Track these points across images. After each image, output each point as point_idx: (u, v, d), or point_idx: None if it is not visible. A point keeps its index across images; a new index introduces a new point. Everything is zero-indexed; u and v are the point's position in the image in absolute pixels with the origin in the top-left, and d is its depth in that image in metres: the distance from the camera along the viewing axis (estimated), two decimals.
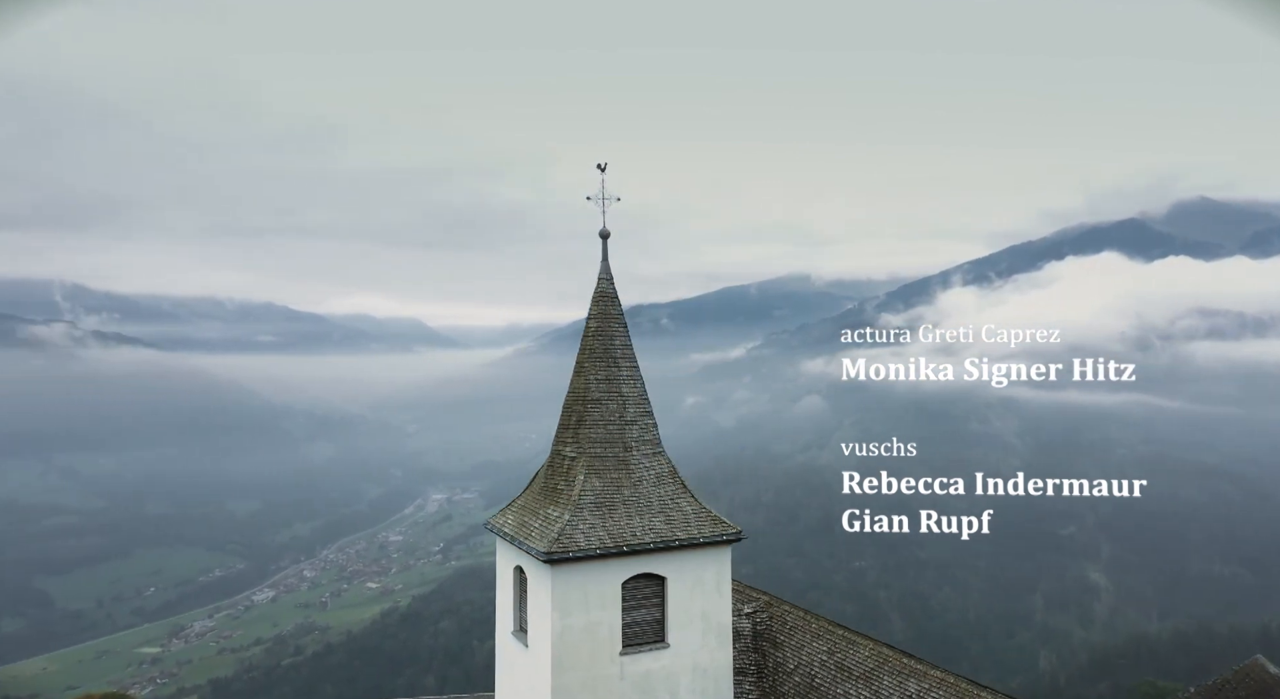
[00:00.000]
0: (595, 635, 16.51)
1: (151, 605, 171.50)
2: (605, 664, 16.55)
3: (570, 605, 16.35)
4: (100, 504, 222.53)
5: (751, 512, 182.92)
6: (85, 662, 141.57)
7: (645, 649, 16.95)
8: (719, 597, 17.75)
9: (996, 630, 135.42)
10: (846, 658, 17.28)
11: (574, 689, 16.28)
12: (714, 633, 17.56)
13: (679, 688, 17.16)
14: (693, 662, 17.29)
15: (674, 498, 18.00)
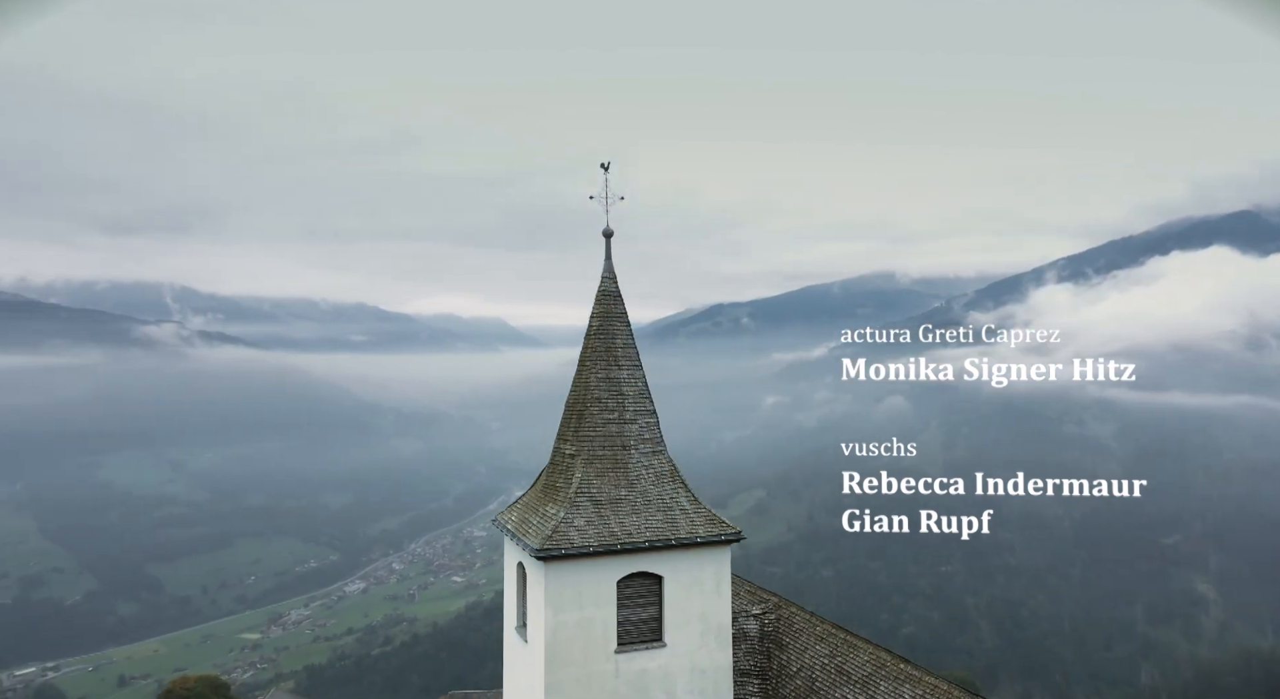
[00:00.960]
0: (590, 633, 16.46)
1: (252, 593, 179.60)
2: (600, 662, 16.50)
3: (564, 602, 16.34)
4: (205, 496, 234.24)
5: (832, 514, 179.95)
6: (192, 645, 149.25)
7: (641, 648, 16.84)
8: (718, 597, 17.52)
9: (1093, 642, 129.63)
10: (846, 661, 17.16)
11: (568, 686, 16.26)
12: (713, 634, 17.35)
13: (676, 688, 17.01)
14: (690, 662, 17.13)
15: (672, 497, 17.81)
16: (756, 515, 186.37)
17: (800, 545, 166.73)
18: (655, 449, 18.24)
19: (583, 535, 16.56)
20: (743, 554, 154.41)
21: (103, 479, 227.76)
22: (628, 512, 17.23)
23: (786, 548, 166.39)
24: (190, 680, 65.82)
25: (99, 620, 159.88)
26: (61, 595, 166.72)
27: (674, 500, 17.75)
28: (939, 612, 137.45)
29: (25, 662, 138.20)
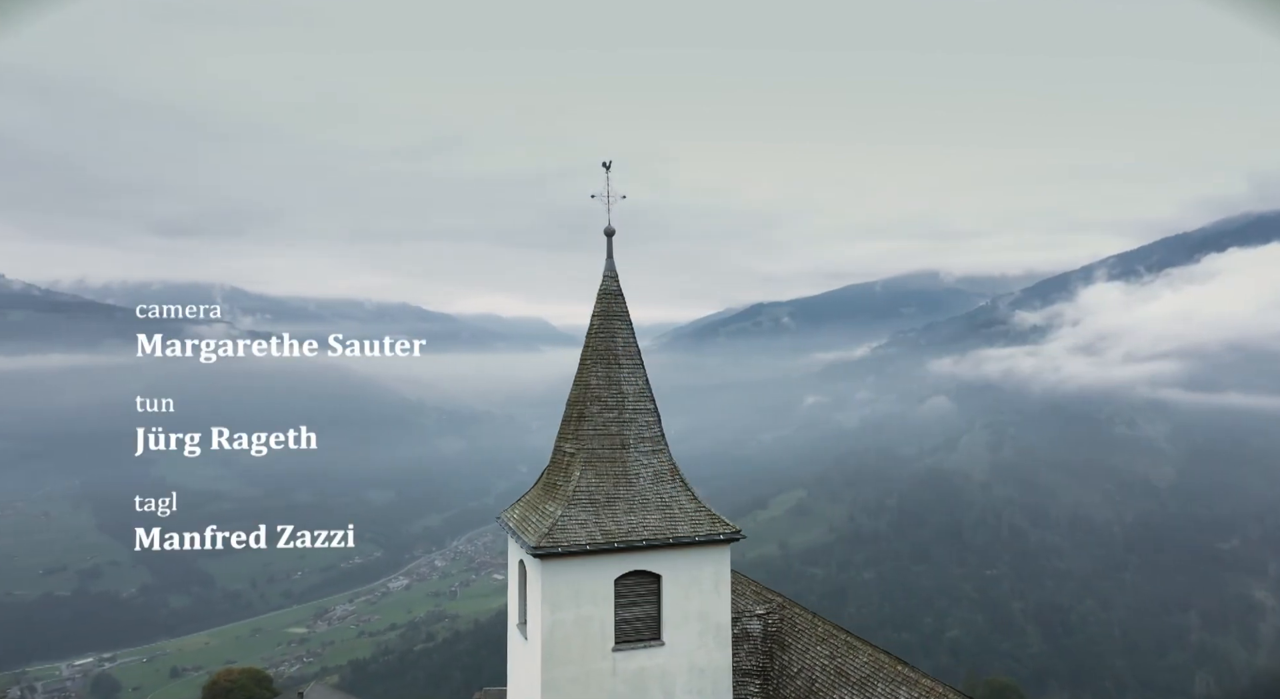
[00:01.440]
0: (587, 631, 16.44)
1: (299, 588, 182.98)
2: (597, 660, 16.48)
3: (561, 600, 16.35)
4: (253, 492, 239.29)
5: (875, 515, 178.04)
6: (242, 638, 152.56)
7: (639, 646, 16.79)
8: (717, 597, 17.37)
9: (1146, 649, 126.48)
10: (845, 663, 17.08)
11: (564, 683, 16.28)
12: (712, 633, 17.23)
13: (674, 687, 16.94)
14: (689, 661, 17.05)
15: (671, 496, 17.68)
16: (797, 516, 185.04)
17: (841, 547, 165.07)
18: (655, 448, 18.11)
19: (579, 534, 16.59)
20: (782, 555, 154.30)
21: (156, 475, 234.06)
22: (625, 510, 17.20)
23: (827, 549, 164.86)
24: (234, 673, 67.44)
25: (153, 613, 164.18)
26: (117, 588, 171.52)
27: (673, 499, 17.64)
28: (984, 615, 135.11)
29: (83, 652, 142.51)
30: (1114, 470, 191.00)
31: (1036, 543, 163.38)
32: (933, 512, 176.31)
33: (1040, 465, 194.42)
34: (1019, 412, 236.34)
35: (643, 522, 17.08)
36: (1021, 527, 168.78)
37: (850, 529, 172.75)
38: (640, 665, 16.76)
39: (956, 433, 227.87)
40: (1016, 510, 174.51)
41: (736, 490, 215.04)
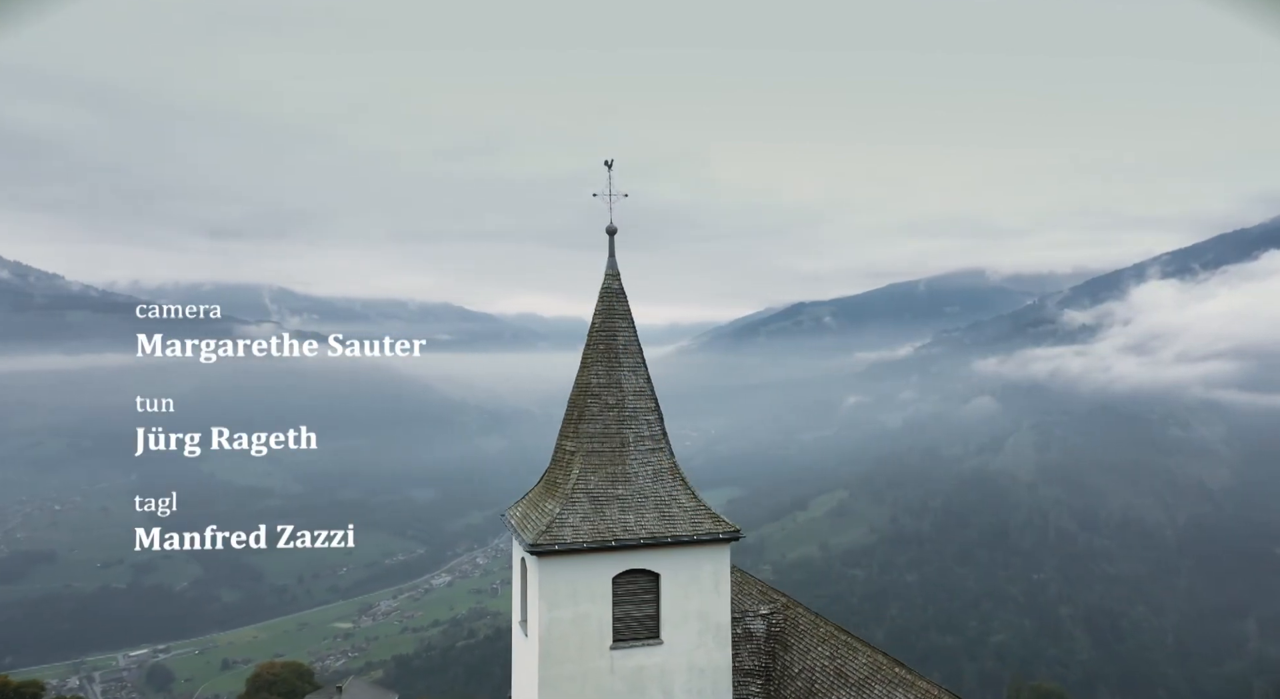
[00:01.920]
0: (584, 628, 16.42)
1: (344, 584, 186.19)
2: (595, 658, 16.45)
3: (558, 597, 16.35)
4: (300, 489, 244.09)
5: (918, 516, 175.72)
6: (289, 632, 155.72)
7: (638, 645, 16.74)
8: (716, 596, 17.28)
9: (1200, 657, 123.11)
10: (845, 664, 16.98)
11: (562, 681, 16.28)
12: (711, 632, 17.14)
13: (673, 686, 16.86)
14: (688, 660, 16.97)
15: (671, 494, 17.63)
16: (837, 517, 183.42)
17: (884, 548, 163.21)
18: (655, 447, 18.14)
19: (577, 531, 16.60)
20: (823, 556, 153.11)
21: (206, 471, 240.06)
22: (624, 508, 17.17)
23: (869, 551, 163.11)
24: (276, 666, 69.12)
25: (204, 606, 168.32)
26: (171, 582, 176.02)
27: (672, 498, 17.62)
28: (1031, 620, 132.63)
29: (138, 643, 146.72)
30: (1167, 472, 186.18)
31: (1085, 546, 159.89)
32: (977, 513, 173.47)
33: (1089, 467, 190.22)
34: (1067, 412, 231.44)
35: (641, 520, 17.05)
36: (1069, 529, 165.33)
37: (892, 530, 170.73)
38: (639, 664, 16.74)
39: (1002, 433, 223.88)
40: (1064, 513, 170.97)
41: (777, 491, 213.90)
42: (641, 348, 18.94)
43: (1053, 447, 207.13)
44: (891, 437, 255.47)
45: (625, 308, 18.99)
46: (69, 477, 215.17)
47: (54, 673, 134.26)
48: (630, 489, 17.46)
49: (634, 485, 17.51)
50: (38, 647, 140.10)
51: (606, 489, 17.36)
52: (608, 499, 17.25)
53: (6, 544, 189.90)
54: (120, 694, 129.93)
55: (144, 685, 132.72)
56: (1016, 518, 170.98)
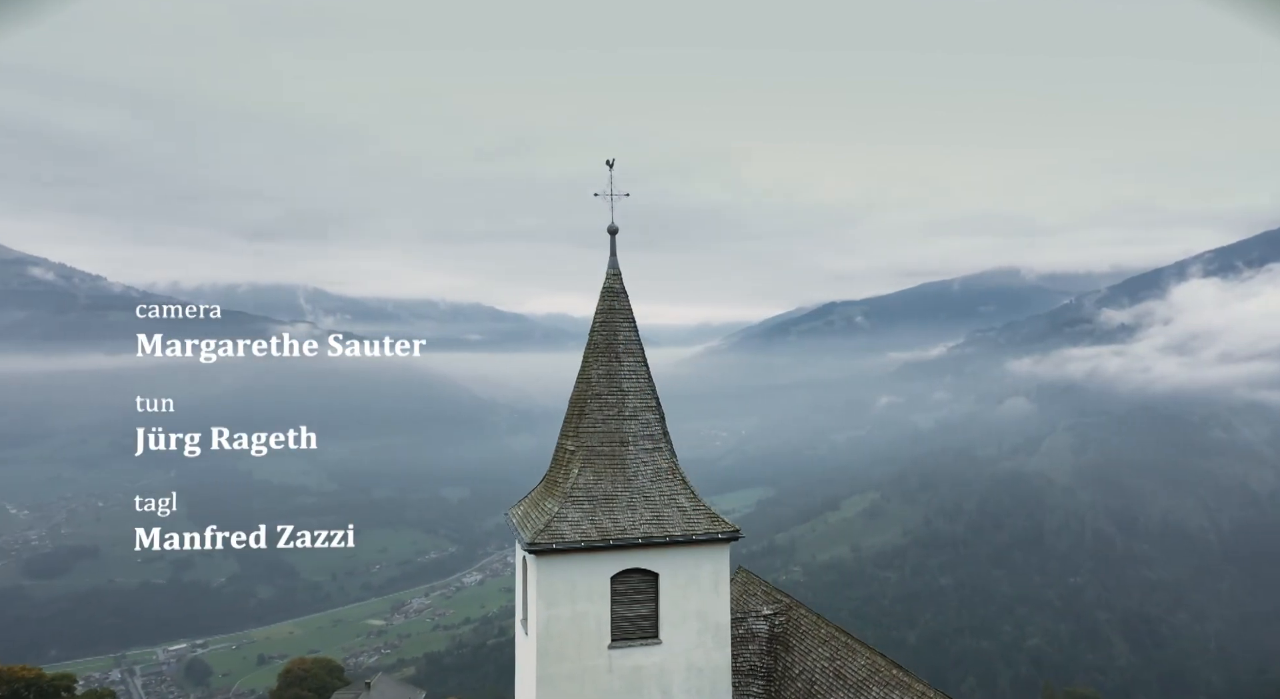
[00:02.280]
0: (583, 627, 16.43)
1: (377, 581, 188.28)
2: (593, 656, 16.46)
3: (556, 596, 16.39)
4: (334, 487, 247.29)
5: (951, 518, 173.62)
6: (324, 628, 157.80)
7: (636, 644, 16.72)
8: (716, 596, 17.19)
9: (1245, 665, 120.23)
10: (844, 666, 16.96)
11: (560, 679, 16.32)
12: (710, 633, 17.06)
13: (672, 686, 16.82)
14: (687, 660, 16.91)
15: (670, 494, 17.53)
16: (869, 519, 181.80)
17: (916, 551, 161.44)
18: (655, 446, 18.04)
19: (574, 530, 16.62)
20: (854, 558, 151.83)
21: (244, 469, 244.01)
22: (623, 508, 17.15)
23: (901, 553, 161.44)
24: (307, 662, 70.26)
25: (241, 602, 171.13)
26: (208, 578, 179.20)
27: (671, 497, 17.54)
28: (1068, 625, 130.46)
29: (176, 638, 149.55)
30: (1209, 475, 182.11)
31: (1124, 550, 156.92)
32: (1012, 516, 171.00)
33: (1128, 469, 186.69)
34: (1105, 413, 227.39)
35: (639, 519, 17.03)
36: (1108, 533, 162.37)
37: (925, 532, 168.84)
38: (637, 663, 16.74)
39: (1038, 435, 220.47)
40: (1102, 516, 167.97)
41: (807, 492, 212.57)
42: (643, 347, 18.89)
43: (1090, 448, 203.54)
44: (924, 437, 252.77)
45: (626, 307, 19.02)
46: (111, 474, 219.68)
47: (96, 666, 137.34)
48: (629, 488, 17.44)
49: (633, 485, 17.50)
50: (81, 640, 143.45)
51: (605, 488, 17.37)
52: (606, 498, 17.26)
53: (51, 539, 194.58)
54: (160, 688, 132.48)
55: (182, 680, 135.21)
56: (1052, 521, 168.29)
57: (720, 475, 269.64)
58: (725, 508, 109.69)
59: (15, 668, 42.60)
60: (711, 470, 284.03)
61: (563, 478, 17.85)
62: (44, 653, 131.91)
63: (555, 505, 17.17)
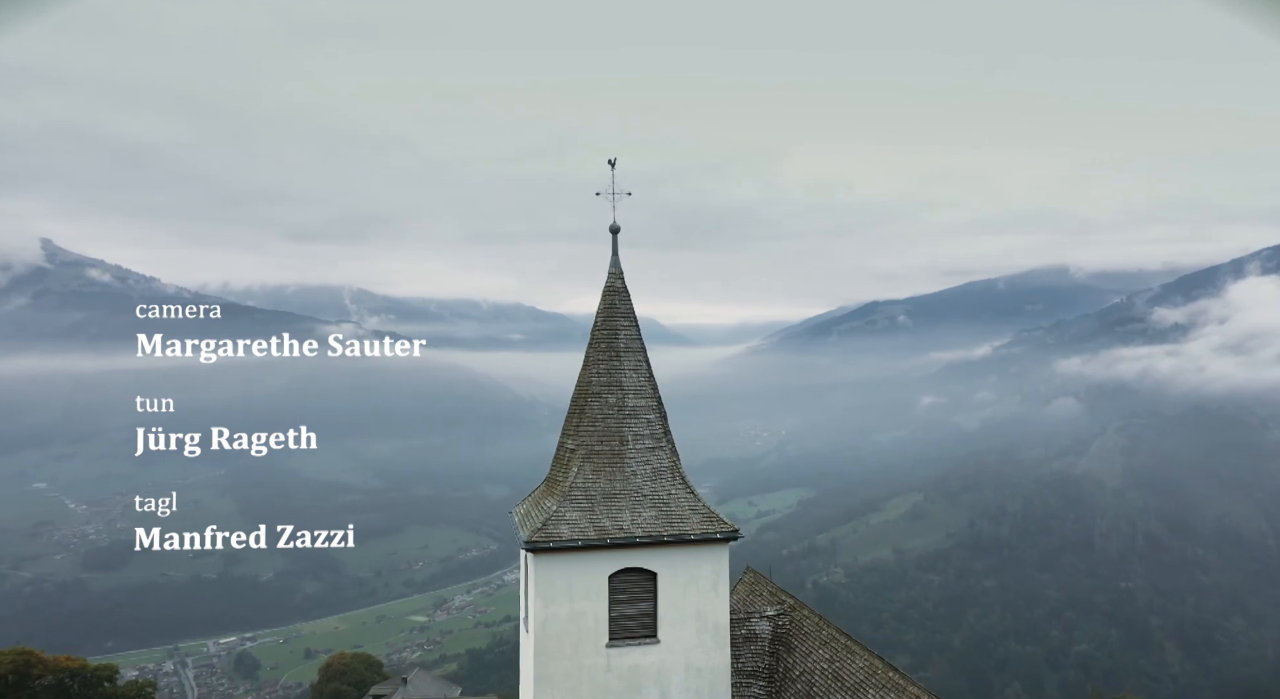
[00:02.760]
0: (580, 626, 16.44)
1: (420, 578, 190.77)
2: (591, 655, 16.46)
3: (554, 594, 16.41)
4: (379, 485, 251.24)
5: (996, 521, 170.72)
6: (368, 624, 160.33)
7: (634, 644, 16.67)
8: (715, 596, 17.06)
9: None
10: (843, 668, 16.89)
11: (558, 677, 16.36)
12: (709, 632, 16.95)
13: (670, 685, 16.74)
14: (686, 660, 16.84)
15: (669, 493, 17.41)
16: (912, 520, 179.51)
17: (960, 553, 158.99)
18: (656, 445, 17.95)
19: (572, 529, 16.63)
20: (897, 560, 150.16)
21: (291, 466, 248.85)
22: (621, 507, 17.10)
23: (945, 555, 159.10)
24: (347, 657, 71.66)
25: (288, 597, 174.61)
26: (257, 573, 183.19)
27: (670, 497, 17.44)
28: (1118, 630, 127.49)
29: (227, 631, 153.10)
30: (1268, 478, 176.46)
31: (1177, 555, 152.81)
32: (1060, 519, 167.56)
33: (1181, 472, 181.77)
34: (1156, 414, 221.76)
35: (638, 519, 17.00)
36: (1160, 537, 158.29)
37: (970, 535, 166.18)
38: (635, 663, 16.74)
39: (1087, 436, 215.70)
40: (1154, 519, 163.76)
41: (849, 492, 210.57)
42: (645, 347, 18.86)
43: (1141, 450, 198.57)
44: (968, 438, 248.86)
45: (627, 306, 19.04)
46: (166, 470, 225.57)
47: (150, 657, 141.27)
48: (628, 488, 17.42)
49: (632, 484, 17.47)
50: (136, 632, 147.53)
51: (604, 487, 17.36)
52: (605, 497, 17.25)
53: (108, 534, 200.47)
54: (210, 680, 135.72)
55: (232, 672, 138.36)
56: (1102, 524, 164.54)
57: (761, 475, 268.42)
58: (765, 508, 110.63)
59: (60, 658, 44.00)
60: (752, 470, 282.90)
61: (562, 477, 17.89)
62: (101, 644, 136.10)
63: (554, 504, 17.22)
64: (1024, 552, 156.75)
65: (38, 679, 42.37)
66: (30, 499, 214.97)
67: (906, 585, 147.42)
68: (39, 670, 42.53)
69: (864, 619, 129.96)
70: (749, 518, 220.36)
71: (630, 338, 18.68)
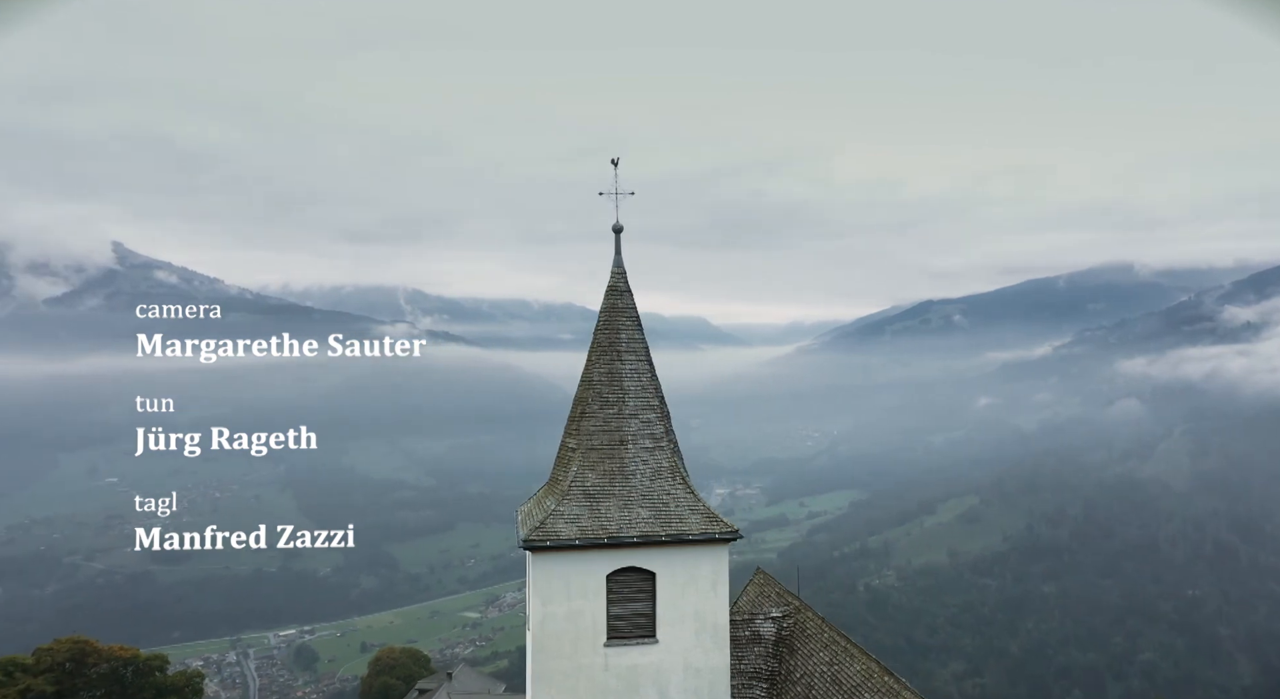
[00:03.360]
0: (578, 625, 16.49)
1: (472, 575, 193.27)
2: (588, 654, 16.51)
3: (552, 593, 16.50)
4: (432, 482, 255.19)
5: (1055, 525, 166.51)
6: (422, 619, 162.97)
7: (632, 643, 16.66)
8: (714, 596, 17.00)
9: None
10: (841, 671, 16.86)
11: (556, 676, 16.44)
12: (709, 633, 16.88)
13: (669, 686, 16.68)
14: (684, 661, 16.77)
15: (669, 493, 17.39)
16: (967, 524, 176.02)
17: (1017, 557, 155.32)
18: (656, 445, 17.99)
19: (570, 528, 16.68)
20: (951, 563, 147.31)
21: (347, 464, 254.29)
22: (619, 506, 17.12)
23: (1002, 559, 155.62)
24: (395, 651, 73.10)
25: (345, 592, 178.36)
26: (315, 567, 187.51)
27: (670, 497, 17.43)
28: (1185, 640, 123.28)
29: (287, 624, 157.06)
30: None
31: (1249, 562, 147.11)
32: (1123, 523, 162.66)
33: (1254, 476, 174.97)
34: (1226, 416, 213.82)
35: (636, 518, 17.01)
36: (1230, 543, 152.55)
37: (1028, 539, 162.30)
38: (633, 662, 16.76)
39: (1152, 439, 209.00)
40: (1224, 525, 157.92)
41: (902, 495, 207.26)
42: (648, 346, 18.87)
43: (1210, 453, 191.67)
44: (1026, 440, 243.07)
45: (629, 306, 19.07)
46: (228, 467, 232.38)
47: (214, 648, 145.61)
48: (627, 487, 17.47)
49: (631, 483, 17.52)
50: (200, 623, 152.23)
51: (603, 486, 17.43)
52: (604, 496, 17.31)
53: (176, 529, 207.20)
54: (271, 670, 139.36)
55: (292, 663, 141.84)
56: (1168, 529, 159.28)
57: (812, 476, 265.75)
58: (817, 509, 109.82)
59: (114, 647, 45.46)
60: (803, 471, 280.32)
61: (563, 476, 18.01)
62: (168, 634, 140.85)
63: (553, 503, 17.37)
64: (1085, 557, 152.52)
65: (93, 667, 43.87)
66: (102, 493, 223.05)
67: (962, 589, 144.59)
68: (94, 659, 44.02)
69: (918, 623, 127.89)
70: (800, 519, 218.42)
71: (632, 338, 18.78)
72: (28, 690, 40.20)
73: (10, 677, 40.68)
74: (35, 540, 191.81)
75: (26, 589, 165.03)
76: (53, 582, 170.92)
